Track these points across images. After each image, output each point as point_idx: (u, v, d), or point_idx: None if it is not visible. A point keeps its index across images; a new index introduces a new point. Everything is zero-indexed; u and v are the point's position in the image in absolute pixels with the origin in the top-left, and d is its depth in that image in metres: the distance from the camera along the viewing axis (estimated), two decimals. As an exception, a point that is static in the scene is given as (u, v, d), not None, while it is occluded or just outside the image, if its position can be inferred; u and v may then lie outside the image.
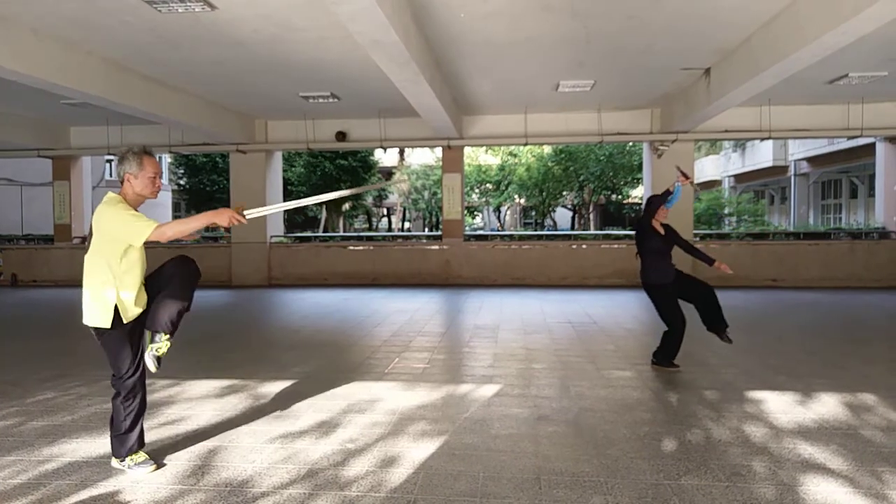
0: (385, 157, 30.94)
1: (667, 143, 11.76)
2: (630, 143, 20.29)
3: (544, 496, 2.75)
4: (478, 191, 29.74)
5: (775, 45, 6.72)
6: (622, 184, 25.10)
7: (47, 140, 12.88)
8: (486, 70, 8.88)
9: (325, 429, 3.68)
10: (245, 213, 3.09)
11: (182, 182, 24.40)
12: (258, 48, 7.62)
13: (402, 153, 32.68)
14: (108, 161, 19.78)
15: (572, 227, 28.93)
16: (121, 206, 2.95)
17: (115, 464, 3.08)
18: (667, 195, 5.05)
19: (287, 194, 19.21)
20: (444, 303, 9.90)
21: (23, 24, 6.68)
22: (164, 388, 4.54)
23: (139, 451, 3.09)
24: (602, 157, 22.24)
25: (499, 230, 30.34)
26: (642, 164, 15.48)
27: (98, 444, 3.42)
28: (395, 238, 15.36)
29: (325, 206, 24.74)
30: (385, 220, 37.70)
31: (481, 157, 29.29)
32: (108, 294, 2.93)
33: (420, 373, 5.07)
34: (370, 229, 32.16)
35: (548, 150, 23.81)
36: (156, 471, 3.05)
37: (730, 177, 26.86)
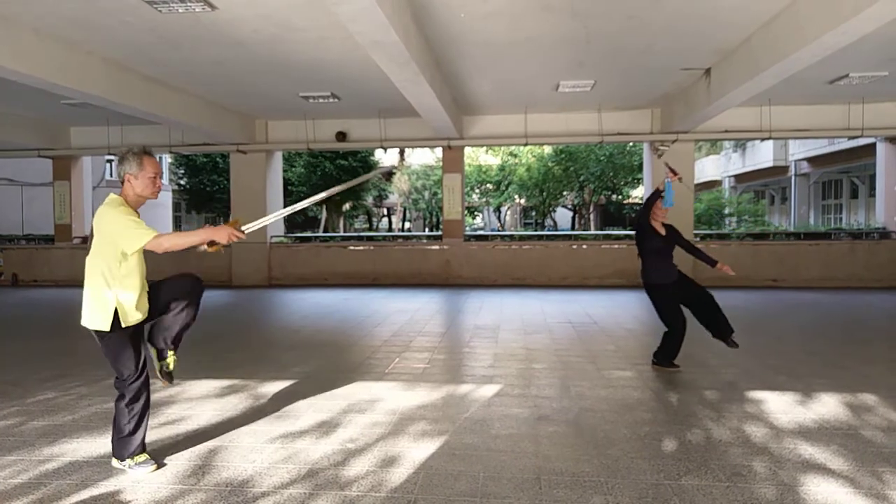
0: (385, 158, 30.93)
1: (667, 143, 11.75)
2: (630, 144, 20.28)
3: (544, 496, 2.75)
4: (478, 191, 29.76)
5: (775, 45, 6.72)
6: (622, 184, 25.11)
7: (48, 140, 12.90)
8: (486, 70, 8.88)
9: (325, 429, 3.68)
10: (243, 227, 3.12)
11: (182, 182, 24.41)
12: (258, 48, 7.62)
13: (402, 153, 32.68)
14: (108, 161, 19.78)
15: (572, 228, 28.94)
16: (122, 209, 2.94)
17: (115, 464, 3.08)
18: (657, 194, 5.06)
19: (287, 194, 19.21)
20: (444, 303, 9.90)
21: (24, 24, 6.68)
22: (165, 388, 4.53)
23: (141, 453, 3.09)
24: (602, 158, 22.24)
25: (499, 230, 30.35)
26: (642, 165, 15.50)
27: (99, 444, 3.42)
28: (396, 238, 15.35)
29: (325, 207, 24.73)
30: (385, 220, 37.71)
31: (481, 157, 29.30)
32: (108, 297, 2.92)
33: (420, 373, 5.08)
34: (370, 229, 32.18)
35: (548, 150, 23.81)
36: (156, 470, 3.05)
37: (730, 177, 26.86)
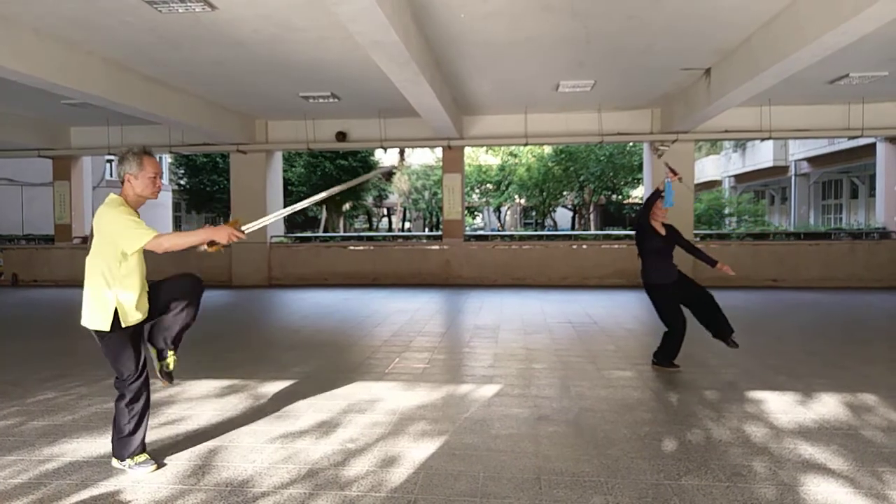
0: (385, 158, 30.92)
1: (667, 143, 11.75)
2: (630, 144, 20.29)
3: (544, 496, 2.75)
4: (478, 191, 29.76)
5: (775, 44, 6.72)
6: (622, 184, 25.11)
7: (48, 140, 12.89)
8: (486, 70, 8.88)
9: (325, 429, 3.68)
10: (243, 227, 3.13)
11: (182, 182, 24.41)
12: (258, 48, 7.62)
13: (402, 153, 32.67)
14: (108, 161, 19.79)
15: (572, 228, 28.93)
16: (122, 209, 2.94)
17: (115, 464, 3.08)
18: (657, 194, 5.07)
19: (287, 194, 19.21)
20: (444, 303, 9.90)
21: (24, 24, 6.68)
22: (165, 388, 4.53)
23: (141, 453, 3.09)
24: (602, 158, 22.24)
25: (499, 230, 30.35)
26: (643, 165, 15.49)
27: (99, 444, 3.42)
28: (396, 238, 15.35)
29: (325, 207, 24.73)
30: (385, 220, 37.71)
31: (481, 157, 29.30)
32: (108, 297, 2.92)
33: (420, 373, 5.08)
34: (370, 229, 32.17)
35: (548, 150, 23.81)
36: (156, 470, 3.05)
37: (730, 177, 26.86)
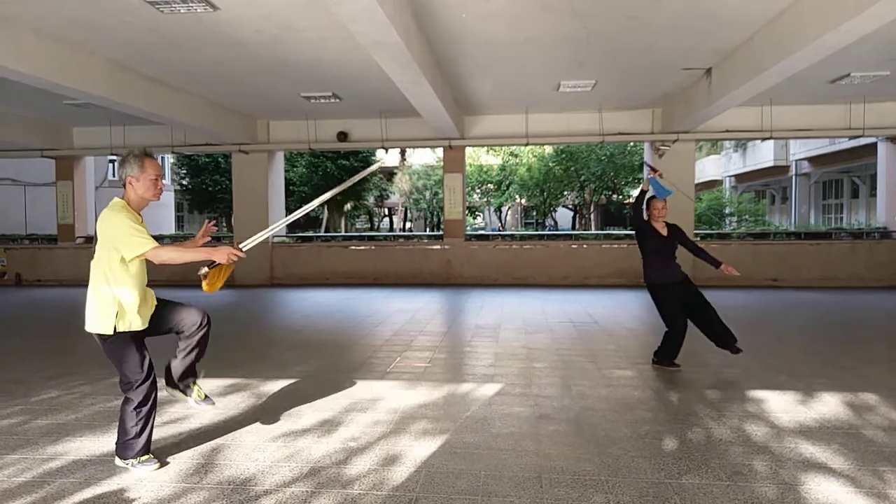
0: (386, 158, 30.92)
1: (668, 142, 11.76)
2: (631, 143, 20.27)
3: (546, 495, 2.76)
4: (479, 191, 29.75)
5: (777, 44, 6.72)
6: (623, 184, 25.08)
7: (50, 140, 12.92)
8: (487, 70, 8.89)
9: (327, 427, 3.69)
10: (241, 245, 3.17)
11: (185, 182, 24.42)
12: (260, 48, 7.64)
13: (403, 153, 32.69)
14: (110, 161, 19.81)
15: (573, 227, 28.91)
16: (124, 213, 2.94)
17: (118, 462, 3.09)
18: (643, 195, 5.19)
19: (289, 194, 19.23)
20: (445, 302, 9.91)
21: (24, 25, 6.70)
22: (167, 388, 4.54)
23: (146, 454, 3.09)
24: (603, 157, 22.23)
25: (500, 230, 30.33)
26: (643, 164, 15.48)
27: (102, 443, 3.44)
28: (397, 238, 15.35)
29: (326, 206, 24.74)
30: (386, 220, 37.70)
31: (482, 157, 29.31)
32: (109, 300, 2.93)
33: (421, 372, 5.09)
34: (372, 229, 32.17)
35: (549, 150, 23.81)
36: (159, 469, 3.07)
37: (731, 177, 26.85)
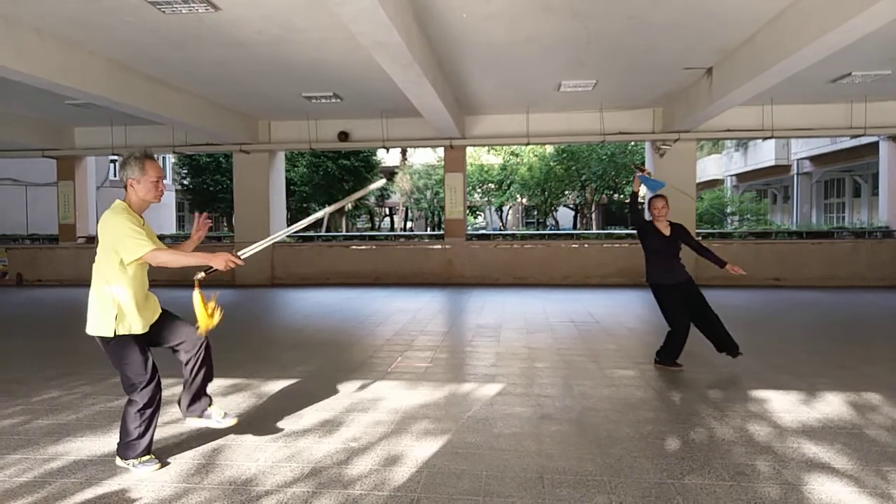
0: (387, 157, 30.93)
1: (669, 142, 11.74)
2: (632, 143, 20.26)
3: (547, 495, 2.75)
4: (480, 190, 29.73)
5: (779, 43, 6.71)
6: (624, 183, 25.05)
7: (52, 140, 12.93)
8: (488, 70, 8.88)
9: (328, 428, 3.69)
10: (240, 253, 3.18)
11: (186, 182, 24.42)
12: (261, 49, 7.63)
13: (404, 153, 32.69)
14: (112, 161, 19.81)
15: (574, 227, 28.89)
16: (125, 215, 2.95)
17: (119, 462, 3.08)
18: (636, 196, 5.24)
19: (290, 194, 19.24)
20: (446, 302, 9.91)
21: (25, 24, 6.69)
22: (168, 388, 4.51)
23: (147, 454, 3.09)
24: (604, 157, 22.22)
25: (501, 230, 30.31)
26: (644, 164, 15.45)
27: (103, 443, 3.44)
28: (398, 237, 15.35)
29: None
30: (387, 219, 37.69)
31: (483, 156, 29.29)
32: (109, 302, 2.93)
33: (423, 372, 5.08)
34: (372, 229, 32.15)
35: (550, 149, 23.80)
36: (160, 469, 3.06)
37: (732, 176, 26.81)
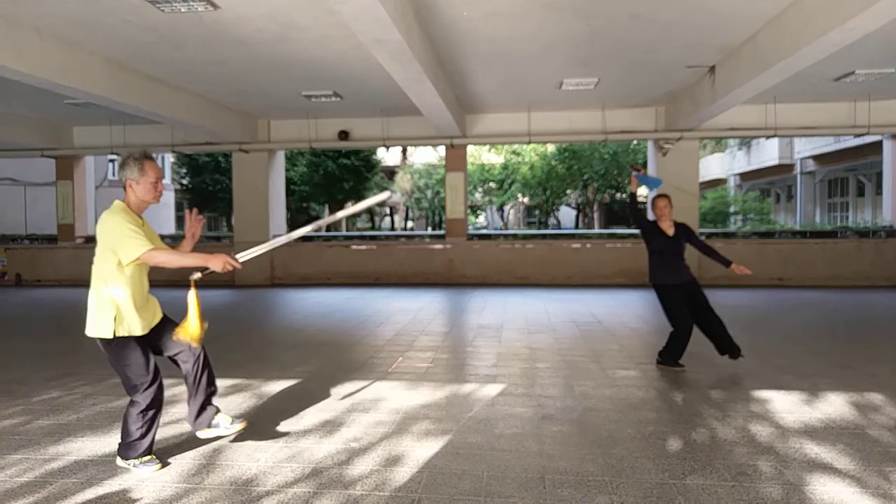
0: (388, 156, 30.93)
1: (671, 140, 11.71)
2: (634, 142, 20.24)
3: (549, 495, 2.74)
4: (481, 190, 29.73)
5: (781, 41, 6.68)
6: (626, 182, 25.05)
7: (51, 140, 12.92)
8: (489, 68, 8.86)
9: (328, 428, 3.68)
10: (238, 256, 3.15)
11: (185, 182, 24.44)
12: (261, 47, 7.62)
13: (404, 152, 32.68)
14: (111, 160, 19.81)
15: (576, 226, 28.90)
16: (123, 215, 2.93)
17: (120, 462, 3.08)
18: (634, 197, 5.27)
19: (290, 194, 19.22)
20: (447, 302, 9.89)
21: (25, 24, 6.68)
22: (169, 388, 4.50)
23: (148, 454, 3.08)
24: (606, 156, 22.20)
25: (502, 229, 30.31)
26: (647, 163, 15.44)
27: (104, 443, 3.43)
28: (398, 237, 15.33)
29: (328, 206, 24.74)
30: (388, 219, 37.70)
31: (484, 155, 29.27)
32: (108, 303, 2.92)
33: (423, 372, 5.07)
34: (373, 228, 32.16)
35: (551, 148, 23.78)
36: (161, 469, 3.06)
37: (735, 175, 26.79)
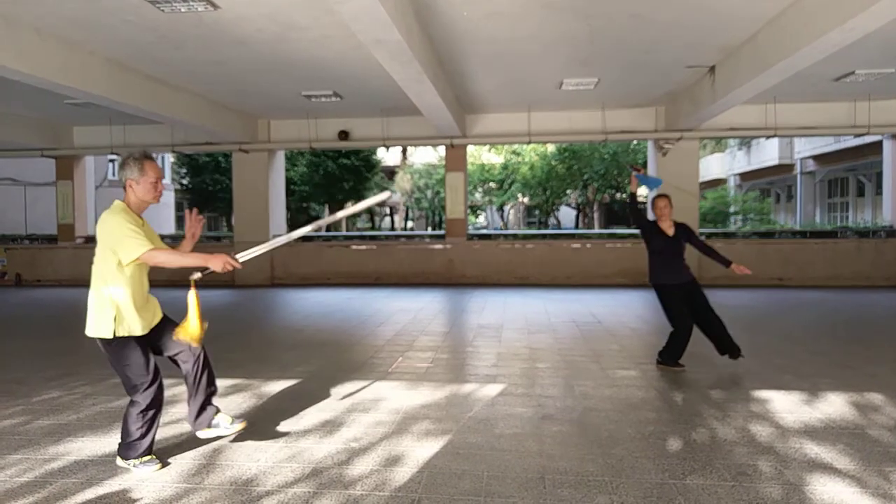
0: (388, 156, 30.92)
1: (671, 140, 11.70)
2: (634, 142, 20.24)
3: (549, 496, 2.74)
4: (481, 189, 29.73)
5: (781, 41, 6.68)
6: (626, 182, 25.05)
7: (51, 140, 12.92)
8: (489, 68, 8.85)
9: (328, 428, 3.68)
10: (238, 256, 3.15)
11: (185, 182, 24.44)
12: (261, 47, 7.62)
13: (404, 152, 32.67)
14: (111, 160, 19.81)
15: (576, 226, 28.90)
16: (123, 215, 2.93)
17: (120, 462, 3.08)
18: (634, 197, 5.28)
19: (290, 194, 19.22)
20: (447, 302, 9.89)
21: (25, 24, 6.68)
22: (169, 388, 4.50)
23: (148, 454, 3.08)
24: (606, 156, 22.20)
25: (502, 229, 30.31)
26: (647, 163, 15.44)
27: (104, 443, 3.43)
28: (398, 237, 15.33)
29: (328, 206, 24.74)
30: (388, 219, 37.70)
31: (484, 155, 29.27)
32: (107, 303, 2.92)
33: (424, 372, 5.07)
34: (373, 228, 32.17)
35: (551, 148, 23.78)
36: (161, 469, 3.06)
37: (735, 175, 26.79)
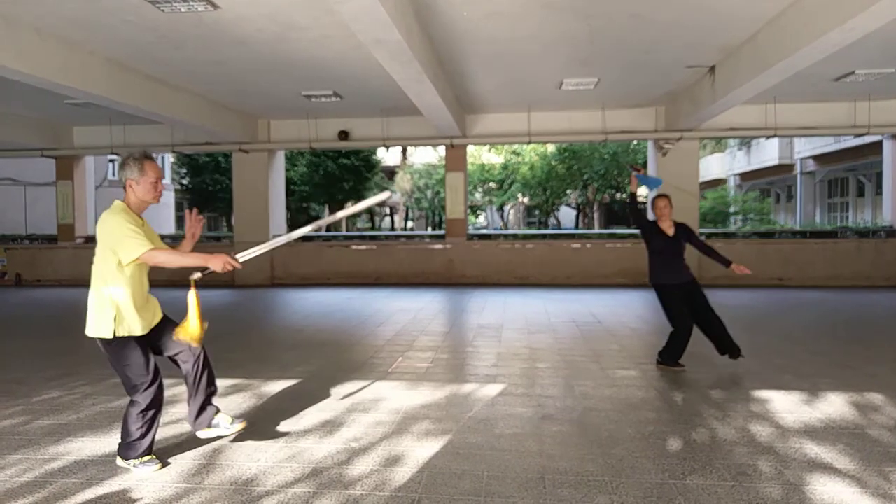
0: (388, 156, 30.92)
1: (672, 140, 11.70)
2: (634, 142, 20.24)
3: (549, 496, 2.74)
4: (481, 189, 29.73)
5: (781, 41, 6.68)
6: (626, 182, 25.05)
7: (51, 140, 12.91)
8: (489, 68, 8.85)
9: (328, 428, 3.68)
10: (238, 256, 3.15)
11: (185, 182, 24.44)
12: (261, 47, 7.62)
13: (404, 152, 32.68)
14: (111, 160, 19.82)
15: (576, 226, 28.90)
16: (123, 215, 2.93)
17: (120, 462, 3.08)
18: (634, 197, 5.29)
19: (290, 194, 19.22)
20: (447, 302, 9.89)
21: (25, 24, 6.68)
22: (169, 388, 4.50)
23: (148, 454, 3.08)
24: (606, 156, 22.20)
25: (502, 229, 30.31)
26: (647, 163, 15.44)
27: (104, 443, 3.43)
28: (398, 237, 15.33)
29: (328, 206, 24.74)
30: (388, 219, 37.70)
31: (484, 155, 29.28)
32: (107, 303, 2.92)
33: (424, 372, 5.07)
34: (373, 228, 32.16)
35: (551, 148, 23.78)
36: (161, 469, 3.06)
37: (735, 175, 26.79)
